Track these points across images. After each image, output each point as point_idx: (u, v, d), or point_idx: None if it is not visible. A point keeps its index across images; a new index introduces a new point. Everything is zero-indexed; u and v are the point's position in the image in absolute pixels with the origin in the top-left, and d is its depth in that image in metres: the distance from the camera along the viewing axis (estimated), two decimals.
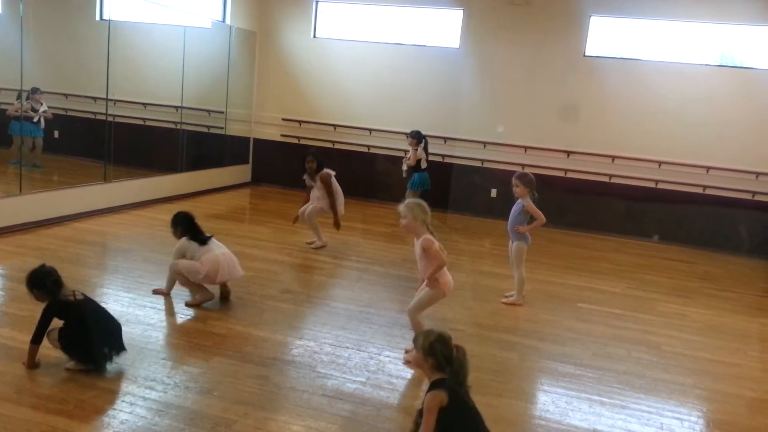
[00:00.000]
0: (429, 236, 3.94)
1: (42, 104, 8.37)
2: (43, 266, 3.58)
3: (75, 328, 3.48)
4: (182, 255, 4.74)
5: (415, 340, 2.82)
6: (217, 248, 4.76)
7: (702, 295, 6.40)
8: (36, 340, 3.46)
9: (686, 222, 8.76)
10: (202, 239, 4.74)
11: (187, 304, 4.63)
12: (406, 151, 8.44)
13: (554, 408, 3.63)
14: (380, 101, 9.78)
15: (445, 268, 3.97)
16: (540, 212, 5.32)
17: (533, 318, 5.18)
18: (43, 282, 3.48)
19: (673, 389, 4.04)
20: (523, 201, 5.35)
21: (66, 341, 3.48)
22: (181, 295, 4.79)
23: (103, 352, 3.49)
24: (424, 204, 4.01)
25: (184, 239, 4.75)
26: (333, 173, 6.64)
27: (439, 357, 2.69)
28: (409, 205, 3.96)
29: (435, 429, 2.60)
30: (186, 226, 4.80)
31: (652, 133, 8.76)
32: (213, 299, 4.72)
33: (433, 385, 2.70)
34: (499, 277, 6.09)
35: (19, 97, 7.52)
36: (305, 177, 6.73)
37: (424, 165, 8.29)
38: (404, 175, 8.36)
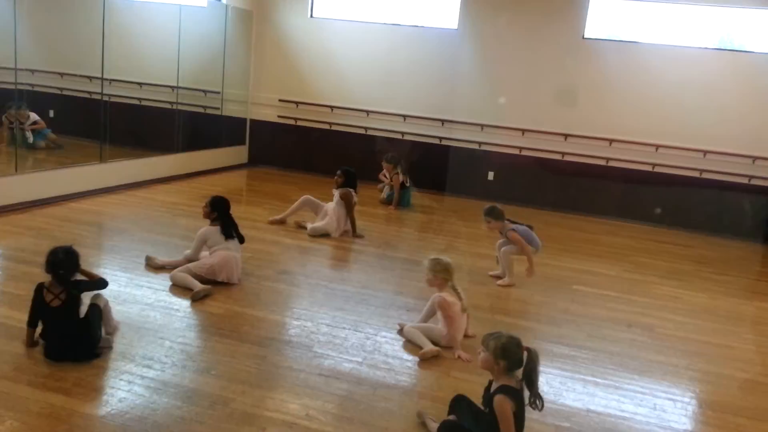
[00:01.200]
0: (445, 296, 4.03)
1: (29, 117, 8.37)
2: (66, 251, 3.49)
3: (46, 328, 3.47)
4: (203, 242, 4.82)
5: (484, 342, 2.84)
6: (235, 249, 4.85)
7: (697, 278, 6.43)
8: (30, 324, 3.47)
9: (683, 206, 8.78)
10: (229, 233, 4.84)
11: (193, 299, 4.45)
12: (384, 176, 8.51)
13: (548, 388, 3.67)
14: (377, 83, 9.72)
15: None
16: (523, 242, 5.36)
17: (528, 300, 5.22)
18: (51, 266, 3.44)
19: (667, 370, 4.09)
20: (505, 231, 5.42)
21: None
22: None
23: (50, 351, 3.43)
24: (449, 263, 4.15)
25: (213, 228, 4.81)
26: (352, 192, 6.66)
27: (512, 359, 2.75)
28: (432, 263, 4.11)
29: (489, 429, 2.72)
30: (222, 211, 4.87)
31: (650, 116, 8.75)
32: (211, 291, 4.64)
33: (503, 390, 2.74)
34: (495, 260, 6.10)
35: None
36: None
37: (408, 183, 8.37)
38: (385, 197, 8.40)
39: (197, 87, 9.54)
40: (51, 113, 8.87)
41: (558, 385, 3.72)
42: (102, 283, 3.63)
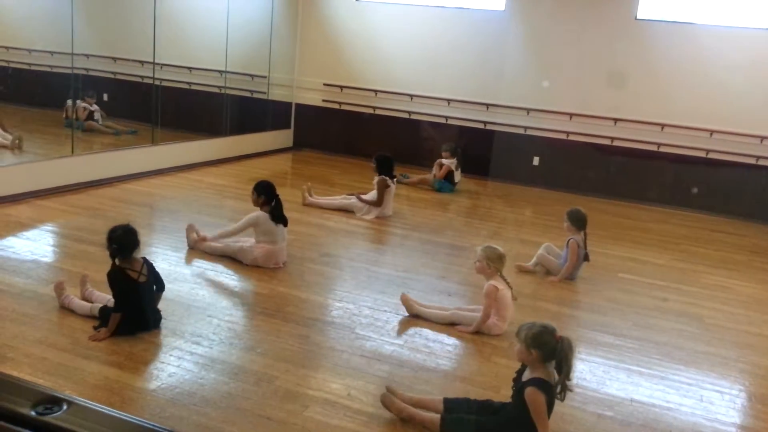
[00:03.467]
0: (495, 283, 4.01)
1: (93, 105, 8.73)
2: (124, 228, 3.60)
3: (128, 306, 3.52)
4: (252, 226, 4.82)
5: (518, 333, 2.81)
6: (281, 239, 4.88)
7: (750, 268, 6.23)
8: (122, 307, 3.50)
9: (737, 193, 8.48)
10: (278, 219, 4.86)
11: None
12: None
13: (591, 377, 3.63)
14: (422, 66, 9.66)
15: (497, 315, 4.04)
16: (575, 257, 5.17)
17: (573, 287, 5.15)
18: (113, 243, 3.55)
19: (715, 362, 3.99)
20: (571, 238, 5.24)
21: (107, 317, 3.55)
22: (223, 258, 4.92)
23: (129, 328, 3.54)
24: (502, 253, 4.10)
25: (264, 215, 4.82)
26: (387, 179, 6.65)
27: (545, 348, 2.71)
28: (487, 251, 4.06)
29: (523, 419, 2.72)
30: (269, 195, 4.89)
31: (704, 100, 8.44)
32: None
33: (535, 383, 2.72)
34: (540, 246, 6.03)
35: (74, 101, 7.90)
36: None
37: (457, 179, 8.29)
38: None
39: (245, 71, 9.68)
40: (105, 97, 9.15)
41: (601, 374, 3.68)
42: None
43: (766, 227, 8.08)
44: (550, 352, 2.71)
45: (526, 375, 2.80)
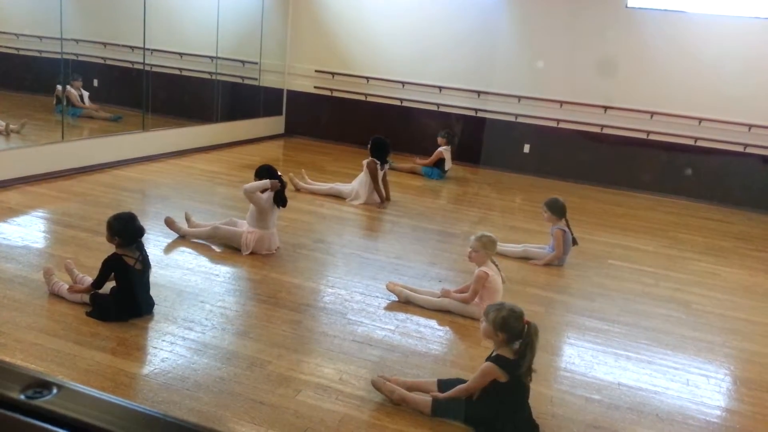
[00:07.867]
0: (486, 269, 4.07)
1: (80, 89, 8.64)
2: (130, 218, 3.65)
3: (123, 292, 3.60)
4: (256, 202, 4.79)
5: (486, 313, 2.89)
6: (272, 224, 4.90)
7: (736, 254, 6.31)
8: (96, 286, 3.62)
9: (724, 181, 8.56)
10: (280, 201, 4.86)
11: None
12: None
13: (580, 361, 3.69)
14: (414, 53, 9.64)
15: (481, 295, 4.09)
16: (561, 247, 5.24)
17: (562, 273, 5.21)
18: (118, 230, 3.59)
19: (701, 347, 4.06)
20: (554, 228, 5.30)
21: (103, 307, 3.58)
22: (215, 244, 4.93)
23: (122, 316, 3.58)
24: (495, 240, 4.18)
25: (270, 196, 4.82)
26: (378, 162, 6.64)
27: (511, 332, 2.79)
28: (483, 239, 4.10)
29: (483, 392, 2.82)
30: (273, 178, 4.88)
31: (694, 88, 8.49)
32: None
33: (497, 361, 2.80)
34: (529, 233, 6.09)
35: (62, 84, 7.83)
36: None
37: (448, 166, 8.30)
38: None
39: (236, 57, 9.62)
40: (95, 82, 9.08)
41: (590, 358, 3.73)
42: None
43: (753, 214, 8.17)
44: (515, 336, 2.80)
45: (492, 354, 2.91)
